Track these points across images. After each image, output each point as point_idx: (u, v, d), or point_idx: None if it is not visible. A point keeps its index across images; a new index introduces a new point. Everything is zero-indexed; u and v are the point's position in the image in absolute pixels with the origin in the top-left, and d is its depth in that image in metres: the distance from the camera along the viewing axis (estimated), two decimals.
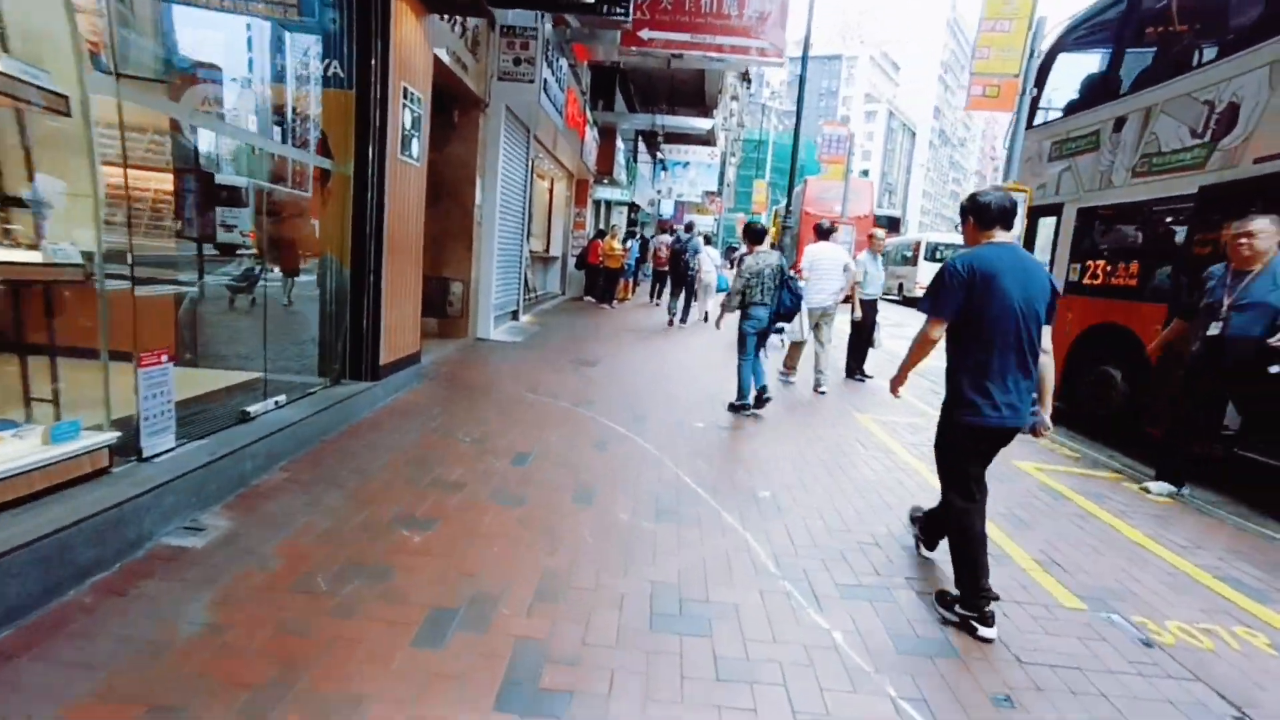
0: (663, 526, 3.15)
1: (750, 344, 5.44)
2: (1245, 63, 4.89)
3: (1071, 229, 6.74)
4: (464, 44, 6.63)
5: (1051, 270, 6.90)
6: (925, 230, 55.41)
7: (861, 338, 7.58)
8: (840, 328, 7.65)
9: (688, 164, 21.38)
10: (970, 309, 2.46)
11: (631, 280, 15.85)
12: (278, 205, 3.88)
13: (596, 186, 16.32)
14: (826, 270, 6.80)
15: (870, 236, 7.60)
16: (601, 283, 13.89)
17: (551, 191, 15.02)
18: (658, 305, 13.64)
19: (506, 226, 9.14)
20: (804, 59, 11.92)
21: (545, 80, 8.25)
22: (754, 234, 5.71)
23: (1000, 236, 2.58)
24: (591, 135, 13.53)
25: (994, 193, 2.64)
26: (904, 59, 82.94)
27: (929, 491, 3.79)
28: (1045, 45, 7.43)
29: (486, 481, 3.50)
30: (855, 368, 7.71)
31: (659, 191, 22.75)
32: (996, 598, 2.47)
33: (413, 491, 3.28)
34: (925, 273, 20.97)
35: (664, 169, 20.96)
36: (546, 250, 14.98)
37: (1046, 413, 2.63)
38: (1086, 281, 6.40)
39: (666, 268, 12.73)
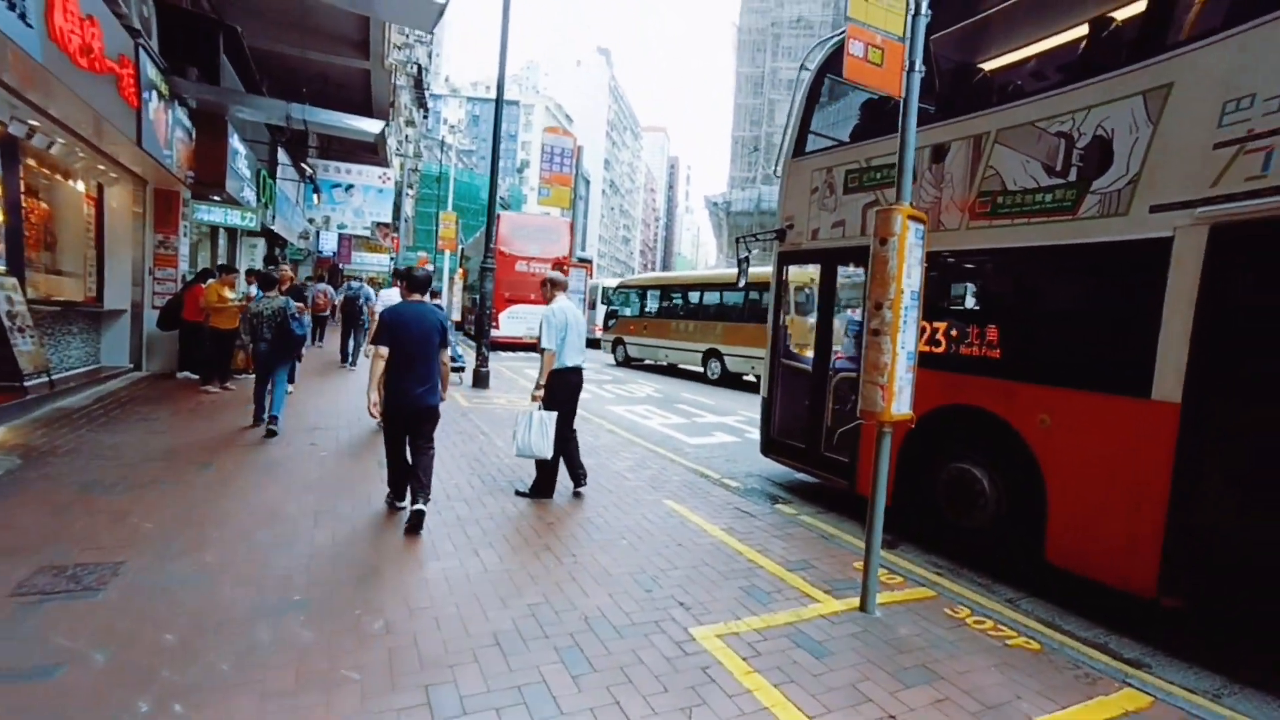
0: None
1: (261, 373, 6.62)
2: (1110, 89, 3.68)
3: None
4: None
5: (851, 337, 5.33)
6: (602, 275, 53.47)
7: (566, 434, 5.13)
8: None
9: (350, 186, 16.61)
10: (394, 340, 4.12)
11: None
12: None
13: (199, 204, 10.91)
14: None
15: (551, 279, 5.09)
16: (208, 349, 8.80)
17: (100, 201, 9.26)
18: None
19: None
20: (499, 92, 9.81)
21: None
22: (263, 279, 6.98)
23: (416, 297, 4.32)
24: (170, 115, 8.52)
25: (420, 270, 4.50)
26: (575, 112, 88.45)
27: None
28: (813, 63, 5.97)
29: None
30: (576, 475, 5.27)
31: (312, 221, 17.38)
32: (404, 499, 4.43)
33: None
34: (600, 317, 20.91)
35: (315, 191, 15.83)
36: (98, 299, 9.13)
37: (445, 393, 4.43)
38: (922, 349, 4.82)
39: (326, 313, 14.42)
